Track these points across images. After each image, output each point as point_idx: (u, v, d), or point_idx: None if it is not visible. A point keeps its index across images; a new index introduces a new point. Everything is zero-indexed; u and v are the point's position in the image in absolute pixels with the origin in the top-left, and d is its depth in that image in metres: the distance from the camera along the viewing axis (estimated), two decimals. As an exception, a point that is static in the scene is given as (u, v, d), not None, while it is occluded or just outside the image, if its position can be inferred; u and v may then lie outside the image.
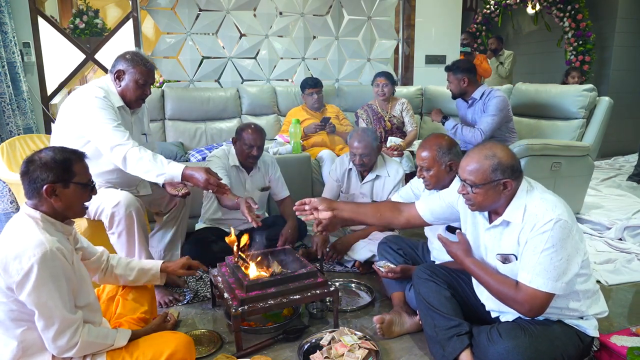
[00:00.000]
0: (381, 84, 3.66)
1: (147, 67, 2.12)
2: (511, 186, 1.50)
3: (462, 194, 1.59)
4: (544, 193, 1.53)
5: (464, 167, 1.55)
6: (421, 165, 2.00)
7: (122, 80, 2.11)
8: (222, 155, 2.63)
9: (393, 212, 1.91)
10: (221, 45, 4.14)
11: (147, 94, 2.17)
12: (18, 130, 3.28)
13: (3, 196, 2.91)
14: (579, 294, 1.53)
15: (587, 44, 5.98)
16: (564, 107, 3.42)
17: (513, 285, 1.50)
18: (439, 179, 1.99)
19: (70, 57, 3.94)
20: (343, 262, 2.69)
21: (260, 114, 4.03)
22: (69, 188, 1.39)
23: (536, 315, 1.49)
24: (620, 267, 2.61)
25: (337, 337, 1.81)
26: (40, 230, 1.33)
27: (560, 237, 1.42)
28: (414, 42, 4.89)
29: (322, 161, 3.39)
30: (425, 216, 1.85)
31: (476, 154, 1.54)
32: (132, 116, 2.23)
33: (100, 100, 2.00)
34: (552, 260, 1.42)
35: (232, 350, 1.82)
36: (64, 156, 1.40)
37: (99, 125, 1.97)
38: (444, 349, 1.65)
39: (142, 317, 1.72)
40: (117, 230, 2.02)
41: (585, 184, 3.47)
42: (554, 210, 1.44)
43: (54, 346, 1.33)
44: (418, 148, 2.05)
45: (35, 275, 1.26)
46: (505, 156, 1.50)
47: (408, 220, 1.89)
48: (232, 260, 2.06)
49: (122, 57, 2.12)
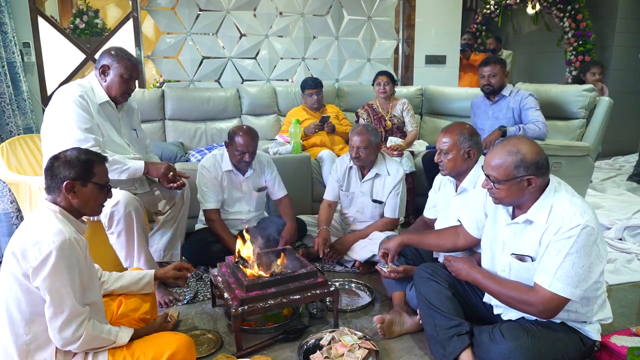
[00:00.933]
0: (383, 82, 3.66)
1: (131, 62, 2.15)
2: (536, 183, 1.47)
3: (487, 189, 1.57)
4: (573, 197, 1.49)
5: (488, 162, 1.53)
6: (441, 148, 2.01)
7: (107, 75, 2.14)
8: (211, 164, 2.58)
9: (453, 237, 1.91)
10: (221, 45, 4.14)
11: (132, 88, 2.21)
12: (18, 130, 3.28)
13: (3, 196, 2.90)
14: (589, 300, 1.52)
15: (587, 44, 5.97)
16: (564, 107, 3.41)
17: (525, 289, 1.49)
18: (456, 164, 1.99)
19: (71, 57, 3.94)
20: (343, 262, 2.69)
21: (260, 114, 4.03)
22: (86, 187, 1.47)
23: (547, 317, 1.49)
24: (621, 267, 2.61)
25: (337, 337, 1.81)
26: (59, 221, 1.39)
27: (585, 243, 1.39)
28: (414, 42, 4.89)
29: (322, 161, 3.39)
30: (473, 232, 1.82)
31: (500, 149, 1.51)
32: (119, 112, 2.25)
33: (75, 99, 2.03)
34: (574, 266, 1.40)
35: (232, 350, 1.82)
36: (87, 157, 1.50)
37: (66, 126, 2.00)
38: (444, 348, 1.65)
39: (143, 318, 1.72)
40: (116, 230, 2.02)
41: (585, 184, 3.47)
42: (582, 215, 1.41)
43: (59, 337, 1.34)
44: (440, 133, 2.05)
45: (53, 261, 1.30)
46: (530, 152, 1.47)
47: (466, 240, 1.86)
48: (232, 260, 2.06)
49: (107, 52, 2.15)
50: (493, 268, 1.66)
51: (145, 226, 2.14)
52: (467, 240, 1.85)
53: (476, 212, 1.78)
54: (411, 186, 3.35)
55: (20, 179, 2.38)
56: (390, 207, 2.68)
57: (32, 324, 1.36)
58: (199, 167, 2.60)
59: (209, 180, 2.55)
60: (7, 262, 1.35)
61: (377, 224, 2.70)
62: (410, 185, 3.30)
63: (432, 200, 2.31)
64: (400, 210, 2.71)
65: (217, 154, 2.64)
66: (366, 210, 2.75)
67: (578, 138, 3.41)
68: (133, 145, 2.31)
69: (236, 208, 2.69)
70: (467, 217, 1.84)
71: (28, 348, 1.37)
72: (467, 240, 1.85)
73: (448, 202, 2.13)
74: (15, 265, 1.33)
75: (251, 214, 2.74)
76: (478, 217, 1.78)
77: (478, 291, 1.76)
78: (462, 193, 2.04)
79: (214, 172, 2.58)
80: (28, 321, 1.36)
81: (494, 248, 1.66)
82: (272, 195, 2.80)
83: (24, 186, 2.34)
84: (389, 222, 2.69)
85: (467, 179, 2.01)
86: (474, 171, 1.99)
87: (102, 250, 2.12)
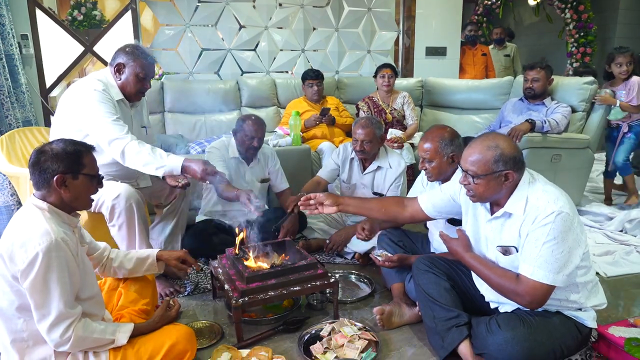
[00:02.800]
0: (387, 74, 3.65)
1: (147, 61, 2.11)
2: (513, 177, 1.50)
3: (464, 185, 1.58)
4: (546, 185, 1.53)
5: (466, 158, 1.55)
6: (423, 156, 2.00)
7: (122, 74, 2.10)
8: (221, 146, 2.63)
9: (398, 207, 1.92)
10: (220, 37, 4.12)
11: (147, 87, 2.17)
12: (17, 123, 3.28)
13: (3, 189, 2.91)
14: (578, 286, 1.54)
15: (589, 36, 5.95)
16: (564, 100, 3.40)
17: (513, 278, 1.50)
18: (440, 170, 1.98)
19: (69, 50, 3.92)
20: (343, 253, 2.70)
21: (260, 106, 4.02)
22: (78, 179, 1.42)
23: (537, 307, 1.50)
24: (620, 259, 2.62)
25: (337, 328, 1.82)
26: (46, 221, 1.35)
27: (561, 229, 1.42)
28: (414, 34, 4.86)
29: (322, 153, 3.39)
30: (427, 210, 1.85)
31: (479, 145, 1.53)
32: (131, 109, 2.23)
33: (99, 94, 1.99)
34: (553, 252, 1.42)
35: (233, 341, 1.83)
36: (75, 148, 1.43)
37: (97, 119, 1.97)
38: (443, 339, 1.66)
39: (144, 309, 1.73)
40: (117, 223, 2.02)
41: (585, 176, 3.47)
42: (555, 202, 1.44)
43: (49, 339, 1.33)
44: (420, 140, 2.04)
45: (39, 263, 1.28)
46: (508, 147, 1.50)
47: (412, 214, 1.90)
48: (232, 252, 2.07)
49: (122, 50, 2.11)
50: None
51: (146, 219, 2.14)
52: (413, 215, 1.89)
53: (442, 195, 1.82)
54: (411, 178, 3.35)
55: (20, 172, 2.38)
56: (390, 199, 2.68)
57: (29, 321, 1.35)
58: (208, 148, 2.65)
59: (218, 157, 2.57)
60: None
61: (377, 216, 2.70)
62: (410, 178, 3.30)
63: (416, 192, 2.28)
64: (400, 202, 2.71)
65: (225, 140, 2.69)
66: (366, 202, 2.75)
67: (578, 130, 3.41)
68: None
69: (239, 199, 2.70)
70: (429, 195, 1.87)
71: (26, 345, 1.37)
72: (412, 215, 1.89)
73: None
74: (4, 267, 1.31)
75: (253, 205, 2.74)
76: (442, 199, 1.82)
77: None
78: None
79: (224, 151, 2.62)
80: (24, 319, 1.35)
81: (479, 245, 1.68)
82: (274, 188, 2.81)
83: (23, 179, 2.35)
84: (388, 214, 2.69)
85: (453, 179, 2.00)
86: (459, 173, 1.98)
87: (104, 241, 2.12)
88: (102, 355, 1.44)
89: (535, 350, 1.48)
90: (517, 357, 1.45)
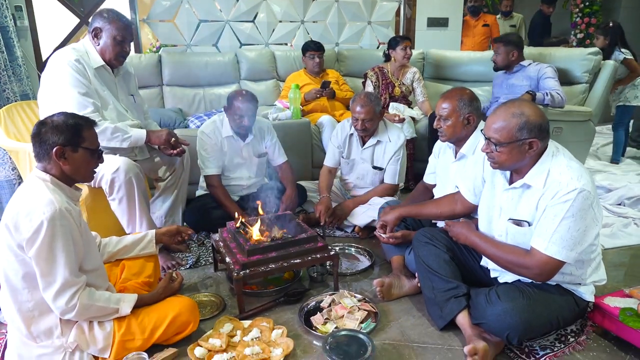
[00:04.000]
0: (407, 46, 3.58)
1: (123, 22, 2.10)
2: (537, 146, 1.47)
3: (486, 152, 1.56)
4: (571, 161, 1.49)
5: (490, 125, 1.51)
6: (440, 114, 1.98)
7: (100, 39, 2.10)
8: (211, 130, 2.57)
9: (451, 204, 1.91)
10: (218, 8, 4.04)
11: (126, 50, 2.17)
12: (15, 97, 3.24)
13: (4, 163, 2.91)
14: (583, 263, 1.55)
15: (594, 5, 5.82)
16: (568, 71, 3.36)
17: (522, 252, 1.51)
18: (455, 130, 1.97)
19: (64, 21, 3.85)
20: (343, 227, 2.72)
21: (259, 79, 3.97)
22: (77, 152, 1.44)
23: (544, 280, 1.52)
24: (617, 231, 2.64)
25: (337, 300, 1.85)
26: (50, 191, 1.37)
27: (581, 207, 1.40)
28: (415, 4, 4.76)
29: (322, 127, 3.36)
30: (471, 199, 1.82)
31: (503, 112, 1.49)
32: (115, 76, 2.22)
33: (71, 64, 2.00)
34: (570, 229, 1.41)
35: (235, 312, 1.86)
36: (75, 121, 1.45)
37: (64, 93, 1.98)
38: (441, 310, 1.69)
39: (147, 281, 1.76)
40: (117, 197, 2.03)
41: (586, 149, 3.46)
42: (579, 179, 1.42)
43: (54, 306, 1.37)
44: (439, 98, 2.03)
45: (44, 232, 1.30)
46: (534, 115, 1.46)
47: (464, 208, 1.86)
48: (233, 226, 2.08)
49: (98, 15, 2.11)
50: (490, 232, 1.68)
51: (146, 192, 2.15)
52: (464, 206, 1.86)
53: (474, 179, 1.79)
54: (412, 152, 3.34)
55: (19, 146, 2.37)
56: (390, 173, 2.69)
57: (33, 291, 1.38)
58: (199, 133, 2.59)
59: (209, 146, 2.55)
60: (1, 235, 1.35)
61: (377, 189, 2.71)
62: (410, 151, 3.29)
63: (432, 166, 2.31)
64: (400, 176, 2.72)
65: (216, 120, 2.62)
66: (366, 176, 2.76)
67: (580, 103, 3.38)
68: (131, 111, 2.29)
69: (237, 174, 2.70)
70: (465, 184, 1.85)
71: (32, 315, 1.40)
72: (464, 207, 1.86)
73: (447, 168, 2.13)
74: (9, 237, 1.33)
75: (252, 180, 2.75)
76: (475, 183, 1.78)
77: (475, 255, 1.79)
78: (461, 159, 2.04)
79: (214, 138, 2.57)
80: (29, 289, 1.37)
81: (491, 213, 1.67)
82: (272, 162, 2.80)
83: (23, 153, 2.34)
84: (388, 188, 2.70)
85: (466, 145, 2.01)
86: (474, 137, 1.98)
87: (104, 216, 2.14)
88: (107, 326, 1.47)
89: (533, 322, 1.50)
90: (515, 327, 1.48)
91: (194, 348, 1.56)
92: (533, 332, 1.56)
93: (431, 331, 1.74)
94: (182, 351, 1.59)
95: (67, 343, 1.42)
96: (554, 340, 1.66)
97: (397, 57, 3.58)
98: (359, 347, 1.57)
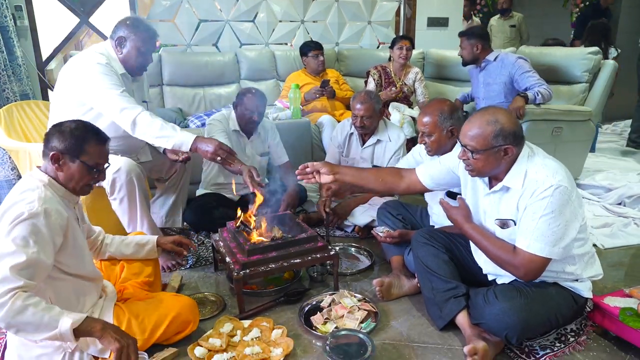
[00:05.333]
0: (405, 46, 3.58)
1: (149, 34, 2.08)
2: (512, 152, 1.49)
3: (463, 160, 1.58)
4: (545, 159, 1.52)
5: (465, 133, 1.54)
6: (422, 130, 1.98)
7: (123, 47, 2.07)
8: (222, 119, 2.61)
9: (394, 177, 1.91)
10: (218, 8, 4.04)
11: (149, 61, 2.14)
12: (15, 96, 3.24)
13: (4, 163, 2.91)
14: (575, 258, 1.55)
15: (594, 5, 5.81)
16: (568, 71, 3.36)
17: (510, 249, 1.51)
18: (440, 144, 1.97)
19: (64, 21, 3.85)
20: (343, 226, 2.72)
21: (259, 79, 3.97)
22: (74, 163, 1.41)
23: (532, 279, 1.52)
24: (617, 231, 2.64)
25: (337, 299, 1.85)
26: (40, 190, 1.35)
27: (559, 203, 1.42)
28: (415, 4, 4.76)
29: (322, 127, 3.37)
30: (425, 182, 1.85)
31: (478, 119, 1.52)
32: (133, 84, 2.21)
33: (103, 67, 1.97)
34: (550, 225, 1.43)
35: (235, 312, 1.86)
36: (82, 133, 1.42)
37: (105, 91, 1.95)
38: (441, 310, 1.69)
39: (147, 281, 1.76)
40: (118, 196, 2.03)
41: (586, 149, 3.46)
42: (554, 176, 1.44)
43: None
44: (419, 113, 2.02)
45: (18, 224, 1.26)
46: (508, 122, 1.48)
47: (409, 185, 1.89)
48: (233, 225, 2.08)
49: (123, 23, 2.07)
50: None
51: (147, 192, 2.15)
52: (409, 185, 1.88)
53: (440, 166, 1.81)
54: (411, 151, 3.34)
55: (19, 146, 2.38)
56: (390, 172, 2.68)
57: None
58: (209, 120, 2.62)
59: (220, 129, 2.55)
60: None
61: (377, 189, 2.71)
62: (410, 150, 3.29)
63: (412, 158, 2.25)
64: (400, 175, 2.71)
65: (225, 113, 2.67)
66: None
67: (580, 102, 3.38)
68: None
69: (239, 172, 2.70)
70: (427, 166, 1.87)
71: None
72: (409, 186, 1.88)
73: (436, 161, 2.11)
74: None
75: (253, 179, 2.75)
76: (440, 170, 1.81)
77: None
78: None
79: (224, 124, 2.59)
80: None
81: (478, 218, 1.68)
82: (274, 161, 2.81)
83: (23, 153, 2.34)
84: (388, 187, 2.70)
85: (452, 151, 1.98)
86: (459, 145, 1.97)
87: (105, 216, 2.14)
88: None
89: (531, 320, 1.50)
90: (513, 326, 1.48)
91: (194, 348, 1.56)
92: (532, 331, 1.57)
93: (431, 331, 1.74)
94: (182, 351, 1.59)
95: (67, 343, 1.41)
96: (554, 340, 1.66)
97: (394, 56, 3.63)
98: (359, 347, 1.57)
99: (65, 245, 1.39)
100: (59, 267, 1.39)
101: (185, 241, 1.89)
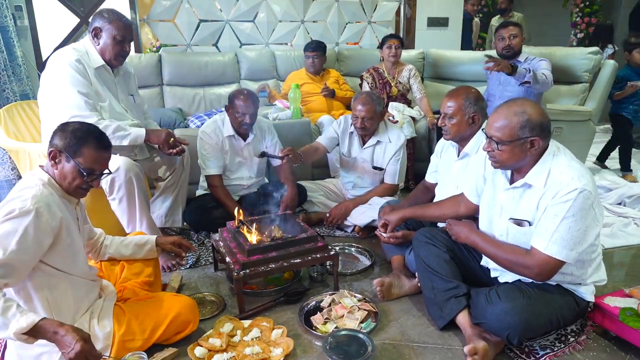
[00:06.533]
0: (393, 45, 3.57)
1: (123, 22, 2.10)
2: (538, 145, 1.46)
3: (487, 152, 1.56)
4: (572, 161, 1.49)
5: (492, 124, 1.51)
6: (445, 112, 1.97)
7: (99, 38, 2.10)
8: (212, 130, 2.57)
9: (454, 207, 1.91)
10: (218, 8, 4.04)
11: (126, 50, 2.16)
12: (15, 96, 3.25)
13: (4, 163, 2.91)
14: (584, 263, 1.54)
15: (594, 5, 5.81)
16: (568, 71, 3.36)
17: (522, 252, 1.50)
18: (460, 129, 1.96)
19: (64, 21, 3.85)
20: (343, 227, 2.72)
21: (259, 78, 3.97)
22: (69, 162, 1.41)
23: (544, 280, 1.51)
24: (617, 231, 2.64)
25: (337, 299, 1.85)
26: (37, 189, 1.34)
27: (582, 207, 1.40)
28: (415, 4, 4.76)
29: (322, 126, 3.36)
30: (474, 199, 1.82)
31: (505, 110, 1.49)
32: (115, 76, 2.22)
33: (68, 67, 2.00)
34: (570, 229, 1.41)
35: (235, 312, 1.86)
36: (84, 134, 1.42)
37: (64, 91, 1.98)
38: (441, 310, 1.69)
39: (147, 281, 1.76)
40: (117, 196, 2.03)
41: (586, 149, 3.46)
42: (579, 179, 1.41)
43: None
44: (445, 96, 2.01)
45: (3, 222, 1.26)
46: (535, 113, 1.46)
47: (468, 209, 1.86)
48: (233, 225, 2.08)
49: (98, 15, 2.11)
50: (491, 232, 1.67)
51: (146, 192, 2.15)
52: (468, 207, 1.86)
53: (475, 179, 1.79)
54: (412, 152, 3.34)
55: (19, 146, 2.38)
56: (390, 173, 2.69)
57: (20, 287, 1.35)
58: (200, 132, 2.59)
59: (210, 146, 2.55)
60: None
61: (377, 189, 2.71)
62: (410, 151, 3.29)
63: (434, 164, 2.30)
64: (400, 176, 2.72)
65: (217, 119, 2.63)
66: (366, 176, 2.76)
67: (580, 102, 3.38)
68: (131, 111, 2.29)
69: (237, 174, 2.70)
70: (467, 185, 1.84)
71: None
72: (468, 208, 1.86)
73: (449, 166, 2.13)
74: None
75: (252, 179, 2.75)
76: (477, 183, 1.78)
77: (476, 254, 1.79)
78: (464, 158, 2.03)
79: (215, 138, 2.57)
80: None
81: (492, 212, 1.67)
82: (272, 161, 2.80)
83: (23, 153, 2.34)
84: (388, 188, 2.70)
85: (469, 144, 2.00)
86: (477, 136, 1.98)
87: (104, 216, 2.14)
88: (107, 325, 1.47)
89: (533, 321, 1.50)
90: (515, 327, 1.48)
91: (194, 348, 1.56)
92: (533, 332, 1.56)
93: (431, 331, 1.74)
94: (182, 351, 1.58)
95: None
96: (554, 340, 1.66)
97: (384, 56, 3.63)
98: (359, 346, 1.57)
99: (56, 245, 1.37)
100: (51, 265, 1.38)
101: (185, 243, 1.88)
